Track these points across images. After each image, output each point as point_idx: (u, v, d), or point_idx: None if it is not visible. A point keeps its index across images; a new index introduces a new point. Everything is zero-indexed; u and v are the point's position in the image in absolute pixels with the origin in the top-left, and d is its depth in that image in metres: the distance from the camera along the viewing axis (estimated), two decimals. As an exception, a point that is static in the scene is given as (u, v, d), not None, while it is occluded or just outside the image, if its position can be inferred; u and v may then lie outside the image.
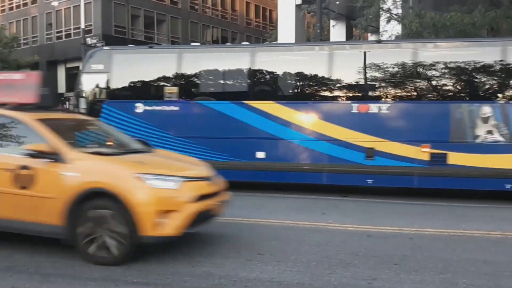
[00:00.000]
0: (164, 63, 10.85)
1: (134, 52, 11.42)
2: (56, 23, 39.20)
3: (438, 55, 9.76)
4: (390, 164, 9.42)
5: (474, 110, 9.10)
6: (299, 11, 22.11)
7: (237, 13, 46.78)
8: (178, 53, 10.89)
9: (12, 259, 5.12)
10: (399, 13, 15.71)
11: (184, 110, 10.51)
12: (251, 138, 10.08)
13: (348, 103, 9.84)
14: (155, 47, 11.29)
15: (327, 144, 9.72)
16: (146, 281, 4.48)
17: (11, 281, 4.45)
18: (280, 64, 10.46)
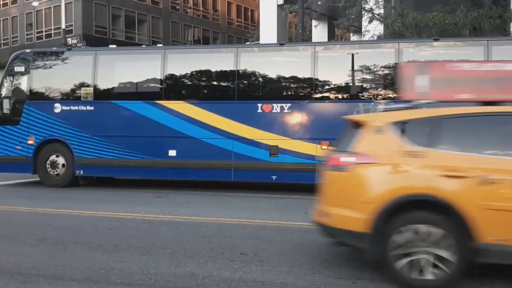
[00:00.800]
0: (81, 65, 11.24)
1: (52, 54, 11.61)
2: (37, 23, 38.60)
3: (333, 56, 10.38)
4: (292, 161, 9.92)
5: (369, 109, 9.54)
6: (281, 11, 22.07)
7: (218, 13, 46.61)
8: (93, 55, 11.20)
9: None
10: (381, 13, 15.79)
11: (99, 110, 10.91)
12: (163, 137, 10.52)
13: (253, 103, 10.21)
14: (73, 49, 11.71)
15: (234, 142, 10.20)
16: (129, 281, 4.41)
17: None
18: (191, 65, 10.85)
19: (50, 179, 11.11)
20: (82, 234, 6.31)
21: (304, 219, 7.35)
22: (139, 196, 9.81)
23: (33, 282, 4.37)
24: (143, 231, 6.45)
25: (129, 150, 10.67)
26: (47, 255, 5.25)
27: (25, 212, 8.01)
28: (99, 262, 4.97)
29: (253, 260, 5.07)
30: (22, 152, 11.08)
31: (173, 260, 5.06)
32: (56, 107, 11.00)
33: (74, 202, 9.10)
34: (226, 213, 7.80)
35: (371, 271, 4.71)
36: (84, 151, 10.86)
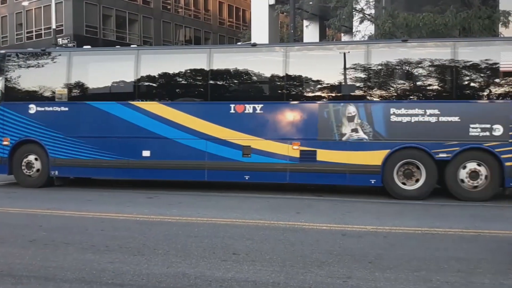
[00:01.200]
0: (55, 66, 11.22)
1: (27, 55, 11.60)
2: (27, 23, 38.36)
3: (304, 57, 10.39)
4: (265, 161, 9.97)
5: (340, 109, 9.63)
6: (272, 11, 22.12)
7: (210, 13, 46.56)
8: (68, 56, 11.21)
9: None
10: (372, 13, 15.87)
11: (73, 110, 10.92)
12: (137, 138, 10.55)
13: (226, 104, 10.27)
14: (47, 50, 11.59)
15: (207, 143, 10.25)
16: (121, 282, 4.42)
17: None
18: (164, 66, 10.84)
19: (26, 180, 11.15)
20: (74, 235, 6.30)
21: (296, 218, 7.42)
22: (130, 197, 9.78)
23: (25, 283, 4.37)
24: (135, 232, 6.44)
25: (103, 150, 10.69)
26: (38, 256, 5.24)
27: (16, 213, 7.98)
28: (90, 263, 4.97)
29: (245, 260, 5.10)
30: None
31: (165, 261, 5.07)
32: (31, 108, 11.03)
33: (65, 203, 9.06)
34: (218, 213, 7.83)
35: (362, 270, 4.77)
36: (59, 151, 10.88)
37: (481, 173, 9.14)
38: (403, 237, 6.21)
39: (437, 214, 7.95)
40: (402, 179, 9.49)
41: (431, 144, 9.24)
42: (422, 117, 9.29)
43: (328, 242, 5.89)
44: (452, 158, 9.16)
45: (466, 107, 9.27)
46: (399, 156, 9.41)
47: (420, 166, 9.38)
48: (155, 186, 11.30)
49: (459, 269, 4.79)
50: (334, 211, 8.21)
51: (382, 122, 9.49)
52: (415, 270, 4.76)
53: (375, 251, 5.45)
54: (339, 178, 9.71)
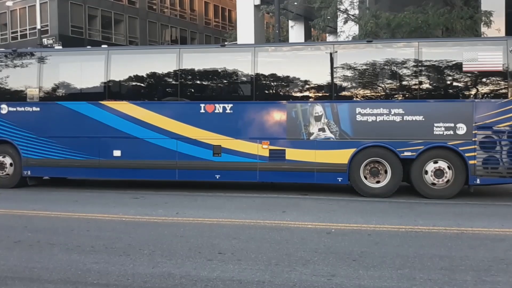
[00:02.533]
0: (27, 66, 11.20)
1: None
2: (11, 24, 37.86)
3: (272, 58, 10.52)
4: (235, 160, 10.07)
5: (307, 109, 9.81)
6: (257, 11, 22.18)
7: (196, 13, 46.43)
8: (38, 57, 11.19)
9: None
10: (356, 13, 16.02)
11: (45, 110, 10.91)
12: (107, 137, 10.58)
13: (196, 103, 10.36)
14: (19, 51, 11.58)
15: (178, 142, 10.31)
16: (106, 282, 4.42)
17: None
18: (134, 66, 10.90)
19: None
20: (59, 236, 6.26)
21: (281, 217, 7.46)
22: (116, 198, 9.74)
23: (9, 285, 4.34)
24: (121, 232, 6.43)
25: (75, 150, 10.70)
26: (23, 257, 5.21)
27: (1, 214, 7.90)
28: (76, 264, 4.95)
29: (231, 259, 5.12)
30: None
31: (150, 261, 5.07)
32: (2, 108, 11.01)
33: (51, 204, 8.99)
34: (204, 213, 7.84)
35: (346, 268, 4.83)
36: (31, 152, 10.85)
37: (445, 171, 9.34)
38: (387, 235, 6.29)
39: (420, 212, 8.07)
40: (369, 177, 9.67)
41: (396, 143, 9.43)
42: (387, 117, 9.47)
43: (313, 241, 5.95)
44: (417, 156, 9.36)
45: (430, 107, 9.47)
46: (365, 155, 9.60)
47: (385, 164, 9.57)
48: (141, 186, 11.26)
49: (442, 267, 4.87)
50: (319, 209, 8.28)
51: (348, 121, 9.66)
52: (398, 268, 4.84)
53: (359, 249, 5.52)
54: (307, 176, 9.84)
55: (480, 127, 9.15)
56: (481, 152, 9.16)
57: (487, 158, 9.18)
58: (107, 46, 12.28)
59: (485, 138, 9.19)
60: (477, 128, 9.15)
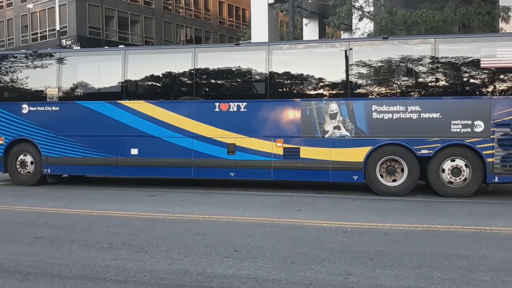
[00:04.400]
0: (46, 66, 11.40)
1: (19, 56, 11.76)
2: (32, 25, 38.62)
3: (286, 55, 10.56)
4: (249, 158, 10.10)
5: (322, 107, 9.74)
6: (271, 10, 22.15)
7: (210, 13, 46.60)
8: (57, 57, 11.38)
9: None
10: (371, 10, 15.89)
11: (64, 110, 11.12)
12: (125, 136, 10.75)
13: (211, 102, 10.42)
14: (39, 52, 11.76)
15: (193, 141, 10.40)
16: (124, 278, 4.47)
17: None
18: (151, 66, 11.02)
19: (20, 178, 11.40)
20: (78, 232, 6.36)
21: (296, 216, 7.46)
22: (134, 195, 9.85)
23: (31, 280, 4.43)
24: (138, 229, 6.51)
25: (93, 149, 10.88)
26: (44, 253, 5.31)
27: (22, 211, 8.06)
28: (94, 260, 5.03)
29: (247, 257, 5.14)
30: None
31: (167, 257, 5.12)
32: (23, 108, 11.24)
33: (70, 201, 9.13)
34: (219, 211, 7.88)
35: (362, 267, 4.81)
36: (51, 150, 11.06)
37: (463, 169, 9.22)
38: (404, 234, 6.24)
39: (437, 211, 7.99)
40: (385, 176, 9.60)
41: (412, 140, 9.34)
42: (404, 114, 9.38)
43: (329, 239, 5.93)
44: (434, 154, 9.26)
45: (447, 104, 9.36)
46: (381, 153, 9.54)
47: (402, 162, 9.48)
48: (157, 184, 11.38)
49: (460, 266, 4.82)
50: (334, 208, 8.26)
51: (363, 119, 9.59)
52: (416, 267, 4.79)
53: (375, 248, 5.48)
54: (322, 174, 9.81)
55: (499, 124, 9.02)
56: (499, 150, 9.02)
57: (506, 156, 9.04)
58: (124, 46, 12.40)
59: (504, 136, 9.05)
60: (495, 126, 9.02)
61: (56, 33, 28.49)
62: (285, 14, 24.83)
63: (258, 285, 4.26)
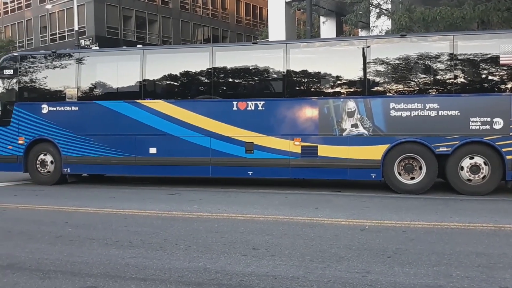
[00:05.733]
0: (65, 67, 11.55)
1: (39, 57, 11.93)
2: (50, 26, 39.30)
3: (304, 53, 10.50)
4: (267, 157, 10.13)
5: (340, 105, 9.73)
6: (289, 8, 22.12)
7: (227, 12, 46.73)
8: (76, 58, 11.52)
9: (13, 257, 5.21)
10: (389, 8, 15.75)
11: (83, 110, 11.26)
12: (143, 135, 10.84)
13: (228, 101, 10.44)
14: (58, 52, 11.92)
15: (211, 140, 10.45)
16: (144, 276, 4.52)
17: (13, 278, 4.53)
18: (169, 65, 11.07)
19: (40, 177, 11.60)
20: (98, 231, 6.48)
21: (314, 214, 7.47)
22: (152, 194, 9.97)
23: (52, 278, 4.52)
24: (157, 228, 6.59)
25: (112, 148, 11.01)
26: (64, 251, 5.42)
27: (43, 210, 8.22)
28: (114, 258, 5.11)
29: (265, 255, 5.16)
30: (14, 151, 11.52)
31: (186, 256, 5.17)
32: (43, 108, 11.41)
33: (90, 200, 9.29)
34: (237, 209, 7.92)
35: (380, 264, 4.80)
36: (71, 149, 11.23)
37: (481, 167, 9.09)
38: (422, 232, 6.19)
39: (456, 209, 7.90)
40: (403, 174, 9.53)
41: (431, 138, 9.25)
42: (422, 112, 9.30)
43: (347, 237, 5.92)
44: (452, 152, 9.15)
45: (466, 101, 9.24)
46: (399, 151, 9.47)
47: (420, 160, 9.38)
48: (176, 182, 11.49)
49: (480, 264, 4.77)
50: (352, 206, 8.23)
51: (381, 117, 9.53)
52: (434, 265, 4.76)
53: (394, 246, 5.46)
54: (340, 173, 9.80)
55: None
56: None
57: None
58: (142, 46, 12.54)
59: None
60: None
61: (74, 33, 28.91)
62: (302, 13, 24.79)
63: (276, 283, 4.28)
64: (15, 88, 11.73)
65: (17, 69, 11.69)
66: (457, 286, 4.16)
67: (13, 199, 9.40)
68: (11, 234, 6.37)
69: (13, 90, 11.76)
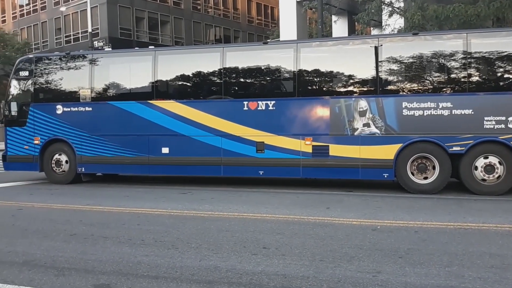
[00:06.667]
0: (79, 68, 11.71)
1: (53, 58, 12.10)
2: (65, 28, 39.86)
3: (314, 53, 10.47)
4: (278, 157, 10.13)
5: (351, 104, 9.69)
6: (300, 7, 22.08)
7: (239, 12, 46.82)
8: (90, 59, 11.65)
9: (29, 255, 5.31)
10: (401, 6, 15.64)
11: (97, 110, 11.42)
12: (156, 135, 10.95)
13: (239, 101, 10.45)
14: (72, 53, 12.07)
15: (223, 139, 10.49)
16: (156, 274, 4.57)
17: (28, 274, 4.62)
18: (180, 66, 11.14)
19: (55, 176, 11.79)
20: (111, 229, 6.55)
21: (325, 214, 7.45)
22: (165, 193, 10.04)
23: (66, 275, 4.59)
24: (169, 226, 6.64)
25: (125, 148, 11.14)
26: (78, 249, 5.50)
27: (58, 209, 8.34)
28: (127, 256, 5.17)
29: (275, 254, 5.17)
30: (30, 151, 11.74)
31: (197, 254, 5.21)
32: (58, 109, 11.59)
33: (104, 199, 9.40)
34: (248, 209, 7.95)
35: (392, 265, 4.78)
36: (85, 149, 11.39)
37: (496, 167, 8.98)
38: (435, 232, 6.15)
39: (469, 209, 7.82)
40: (416, 173, 9.45)
41: (444, 137, 9.16)
42: (435, 111, 9.21)
43: (358, 237, 5.90)
44: (466, 151, 9.06)
45: (480, 100, 9.13)
46: (412, 150, 9.40)
47: (433, 160, 9.30)
48: (188, 182, 11.56)
49: (493, 265, 4.72)
50: (364, 206, 8.19)
51: (394, 116, 9.47)
52: (446, 265, 4.72)
53: (405, 246, 5.43)
54: (351, 172, 9.76)
55: None
56: None
57: None
58: (154, 47, 12.64)
59: None
60: None
61: (88, 35, 29.27)
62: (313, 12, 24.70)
63: (286, 282, 4.29)
64: (30, 89, 11.94)
65: (33, 71, 11.90)
66: (469, 287, 4.13)
67: (29, 198, 9.55)
68: (27, 232, 6.49)
69: (28, 91, 11.97)
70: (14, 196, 9.93)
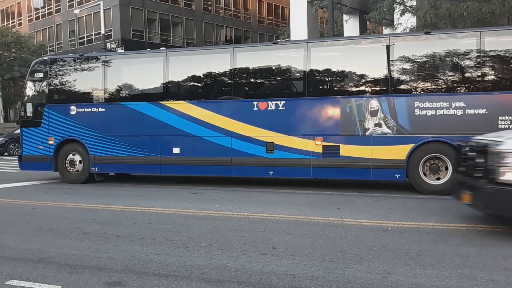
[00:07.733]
0: (92, 69, 11.85)
1: (67, 60, 12.23)
2: (79, 30, 40.40)
3: (325, 53, 10.40)
4: (288, 157, 10.11)
5: (362, 104, 9.63)
6: (311, 7, 22.03)
7: (249, 12, 46.87)
8: (103, 60, 11.79)
9: (43, 252, 5.41)
10: (413, 5, 15.52)
11: (109, 111, 11.57)
12: (167, 135, 11.04)
13: (249, 101, 10.45)
14: (85, 55, 12.22)
15: (233, 140, 10.54)
16: (166, 273, 4.62)
17: (43, 272, 4.71)
18: (191, 67, 11.19)
19: (69, 176, 11.94)
20: (123, 228, 6.62)
21: (336, 214, 7.43)
22: (176, 193, 10.11)
23: (79, 273, 4.66)
24: (180, 225, 6.69)
25: (137, 148, 11.26)
26: (91, 247, 5.57)
27: (71, 208, 8.45)
28: (138, 254, 5.23)
29: (285, 254, 5.18)
30: (44, 151, 11.93)
31: (207, 253, 5.25)
32: (72, 109, 11.77)
33: (116, 198, 9.50)
34: (258, 209, 7.96)
35: (402, 266, 4.75)
36: (98, 149, 11.53)
37: None
38: (447, 234, 6.09)
39: (483, 210, 7.72)
40: (428, 174, 9.37)
41: (457, 138, 9.04)
42: (448, 110, 9.13)
43: (368, 238, 5.87)
44: None
45: (494, 99, 9.01)
46: (424, 151, 9.32)
47: (446, 160, 9.21)
48: (198, 182, 11.61)
49: (506, 267, 4.66)
50: (375, 207, 8.15)
51: (406, 116, 9.39)
52: (458, 267, 4.68)
53: (416, 248, 5.39)
54: (362, 173, 9.70)
55: None
56: None
57: None
58: (165, 49, 12.73)
59: None
60: None
61: (101, 36, 29.59)
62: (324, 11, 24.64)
63: (295, 282, 4.30)
64: (45, 91, 12.13)
65: (47, 72, 12.09)
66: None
67: (43, 197, 9.70)
68: (42, 230, 6.59)
69: (43, 92, 12.16)
70: (29, 195, 10.08)
